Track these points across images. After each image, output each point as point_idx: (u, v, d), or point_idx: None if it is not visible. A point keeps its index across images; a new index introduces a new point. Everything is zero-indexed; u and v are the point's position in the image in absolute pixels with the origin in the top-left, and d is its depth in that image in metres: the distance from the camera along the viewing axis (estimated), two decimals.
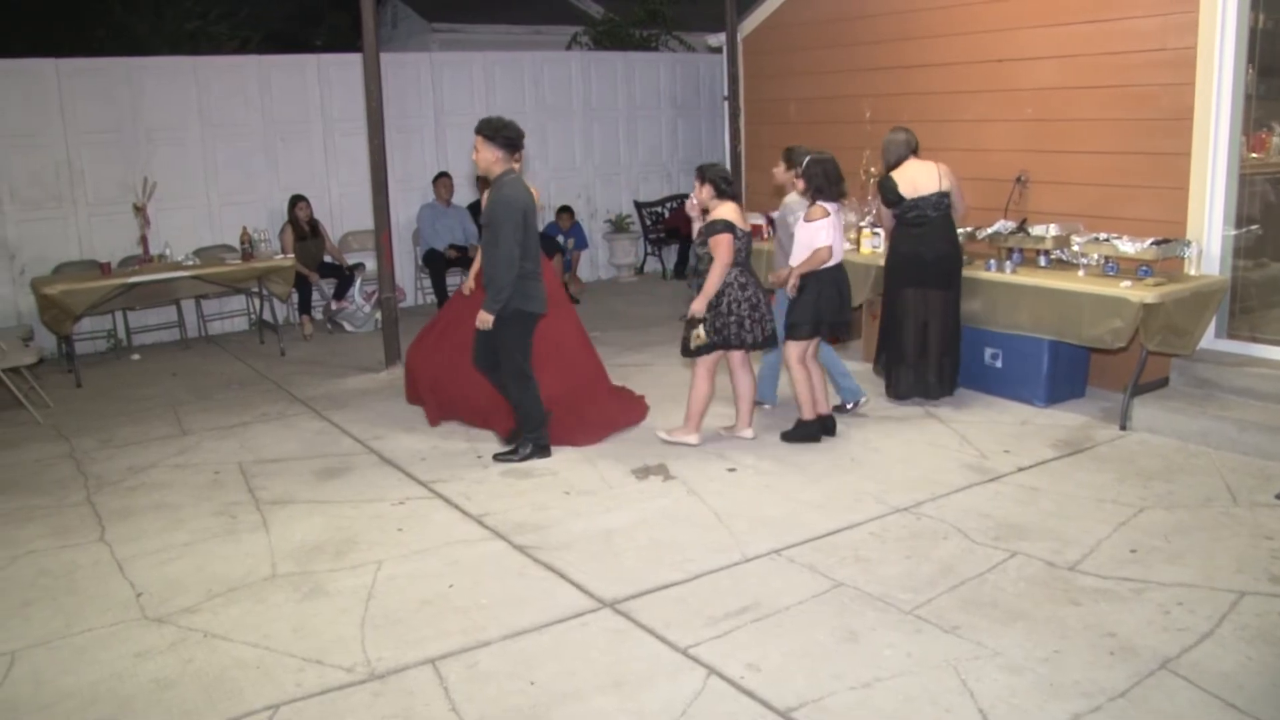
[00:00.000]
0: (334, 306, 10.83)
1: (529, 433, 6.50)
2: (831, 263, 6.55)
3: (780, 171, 7.19)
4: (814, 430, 6.66)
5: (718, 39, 11.11)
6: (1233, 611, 4.29)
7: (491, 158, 6.14)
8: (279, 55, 12.16)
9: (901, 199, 7.03)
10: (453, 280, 11.17)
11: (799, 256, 6.56)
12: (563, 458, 6.51)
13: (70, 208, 10.14)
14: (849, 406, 7.21)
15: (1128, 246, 6.74)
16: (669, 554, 5.06)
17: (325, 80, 11.31)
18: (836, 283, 6.65)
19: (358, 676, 4.08)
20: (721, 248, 6.23)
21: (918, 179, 7.03)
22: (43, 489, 6.41)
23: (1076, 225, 7.29)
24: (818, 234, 6.49)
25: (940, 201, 7.02)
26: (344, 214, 11.49)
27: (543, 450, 6.53)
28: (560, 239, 12.14)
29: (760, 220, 9.57)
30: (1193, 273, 6.89)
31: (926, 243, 7.04)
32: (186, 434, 7.38)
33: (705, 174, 6.44)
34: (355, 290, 10.76)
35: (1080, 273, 6.96)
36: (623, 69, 13.52)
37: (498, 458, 6.53)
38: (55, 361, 9.61)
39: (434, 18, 17.59)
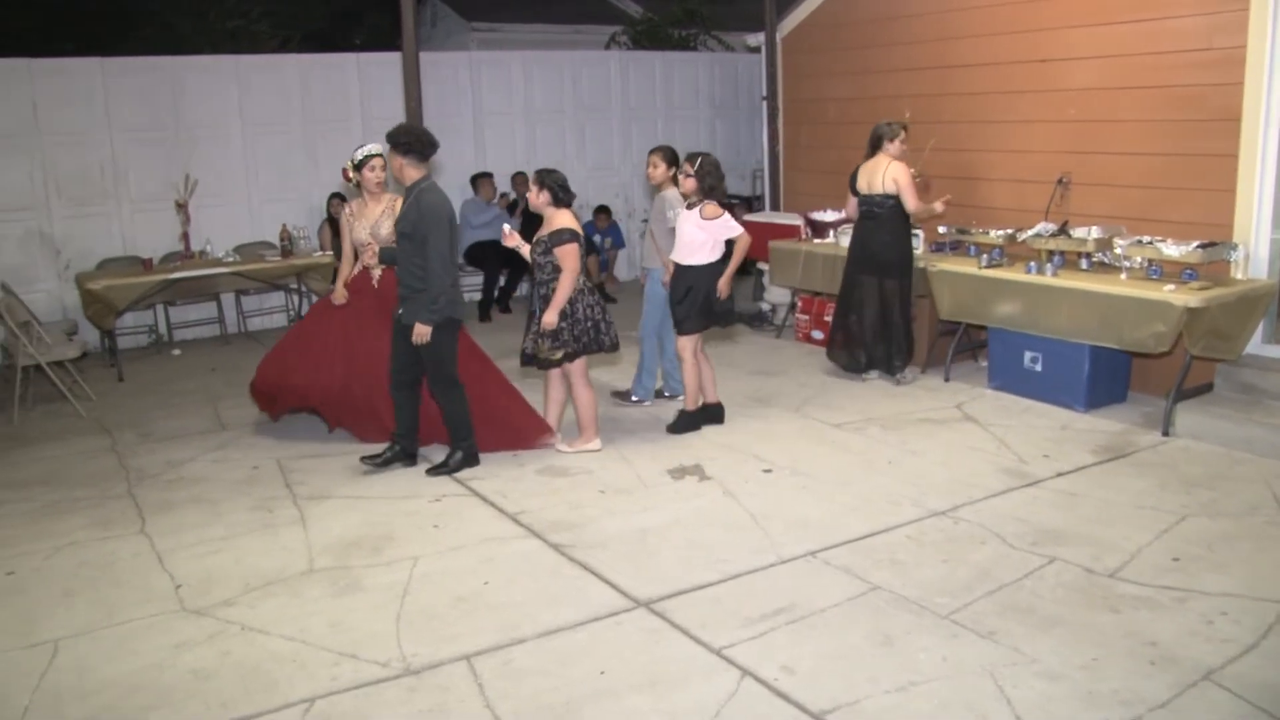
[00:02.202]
0: None
1: (460, 441, 6.34)
2: (716, 258, 6.74)
3: (660, 172, 7.27)
4: (699, 420, 6.95)
5: (756, 39, 11.09)
6: (1279, 623, 4.22)
7: (397, 165, 6.11)
8: (319, 54, 12.27)
9: (857, 192, 7.70)
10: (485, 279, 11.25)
11: (695, 254, 6.68)
12: (599, 456, 6.51)
13: (114, 204, 10.27)
14: (634, 400, 7.60)
15: (1172, 250, 6.64)
16: (704, 554, 5.05)
17: (365, 79, 11.38)
18: (717, 277, 6.79)
19: (393, 671, 4.10)
20: (569, 258, 6.20)
21: (871, 177, 7.56)
22: (85, 481, 6.49)
23: (1119, 228, 7.21)
24: (729, 227, 6.67)
25: (885, 201, 7.55)
26: None
27: (471, 459, 6.38)
28: (597, 239, 12.15)
29: (798, 221, 9.55)
30: (1239, 276, 6.79)
31: (868, 236, 7.69)
32: (225, 429, 7.45)
33: (544, 180, 6.34)
34: None
35: (1123, 276, 6.88)
36: (661, 69, 13.52)
37: (431, 472, 6.32)
38: (98, 356, 9.74)
39: (473, 17, 17.66)
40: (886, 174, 7.49)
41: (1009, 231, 7.71)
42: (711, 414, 7.05)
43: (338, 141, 11.21)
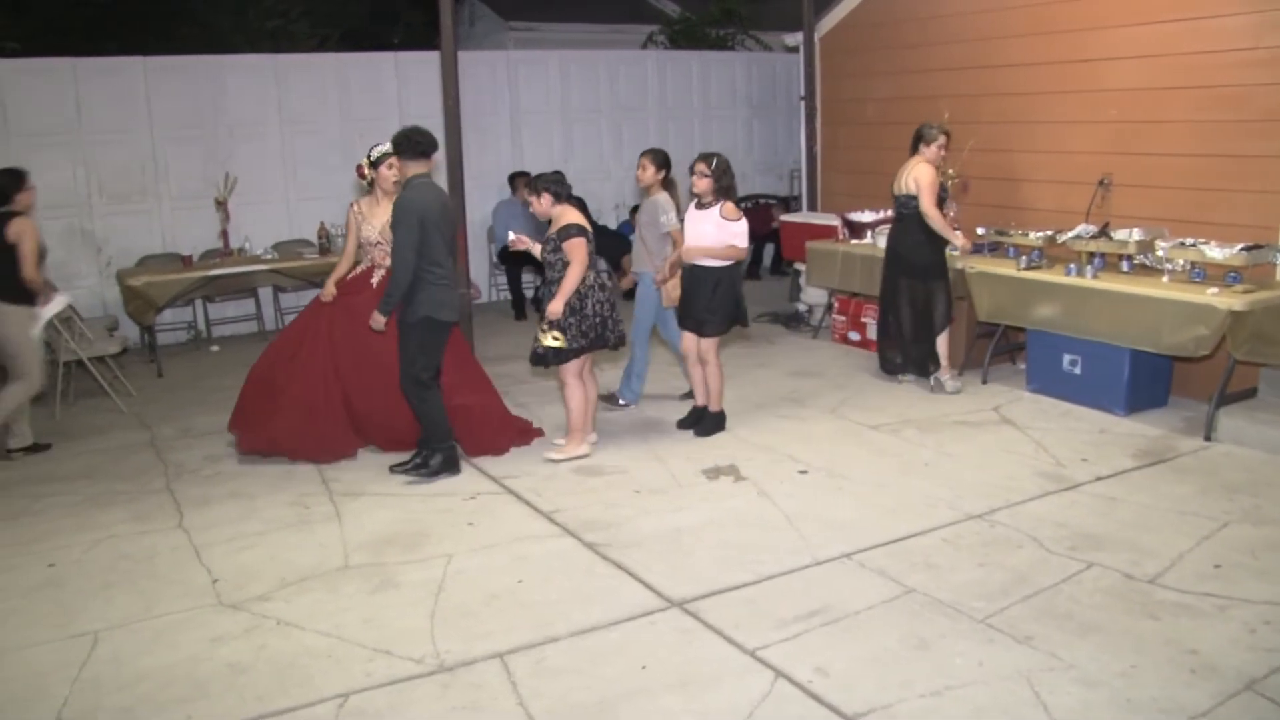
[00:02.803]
0: None
1: (436, 443, 6.20)
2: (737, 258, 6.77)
3: (649, 174, 7.21)
4: (722, 419, 7.00)
5: (795, 38, 11.04)
6: None
7: (398, 166, 6.23)
8: (357, 53, 12.34)
9: (893, 193, 7.65)
10: (527, 278, 11.26)
11: (708, 251, 6.64)
12: (633, 455, 6.51)
13: (154, 202, 10.38)
14: (621, 403, 7.56)
15: (1216, 252, 6.56)
16: (738, 555, 5.03)
17: (403, 78, 11.44)
18: (739, 277, 6.83)
19: (427, 668, 4.11)
20: (577, 251, 6.17)
21: (902, 176, 7.51)
22: (124, 475, 6.56)
23: (1162, 230, 7.12)
24: (742, 234, 6.63)
25: (908, 201, 7.49)
26: None
27: (452, 465, 6.25)
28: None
29: (835, 222, 9.50)
30: None
31: (898, 237, 7.68)
32: None
33: (537, 185, 6.32)
34: None
35: (1164, 279, 6.80)
36: (698, 68, 13.50)
37: (394, 469, 6.26)
38: (138, 351, 9.84)
39: (511, 16, 17.70)
40: (912, 174, 7.44)
41: (1049, 233, 7.64)
42: (700, 414, 7.02)
43: (376, 140, 11.20)
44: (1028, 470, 6.04)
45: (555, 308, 6.16)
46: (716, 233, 6.61)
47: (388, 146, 6.68)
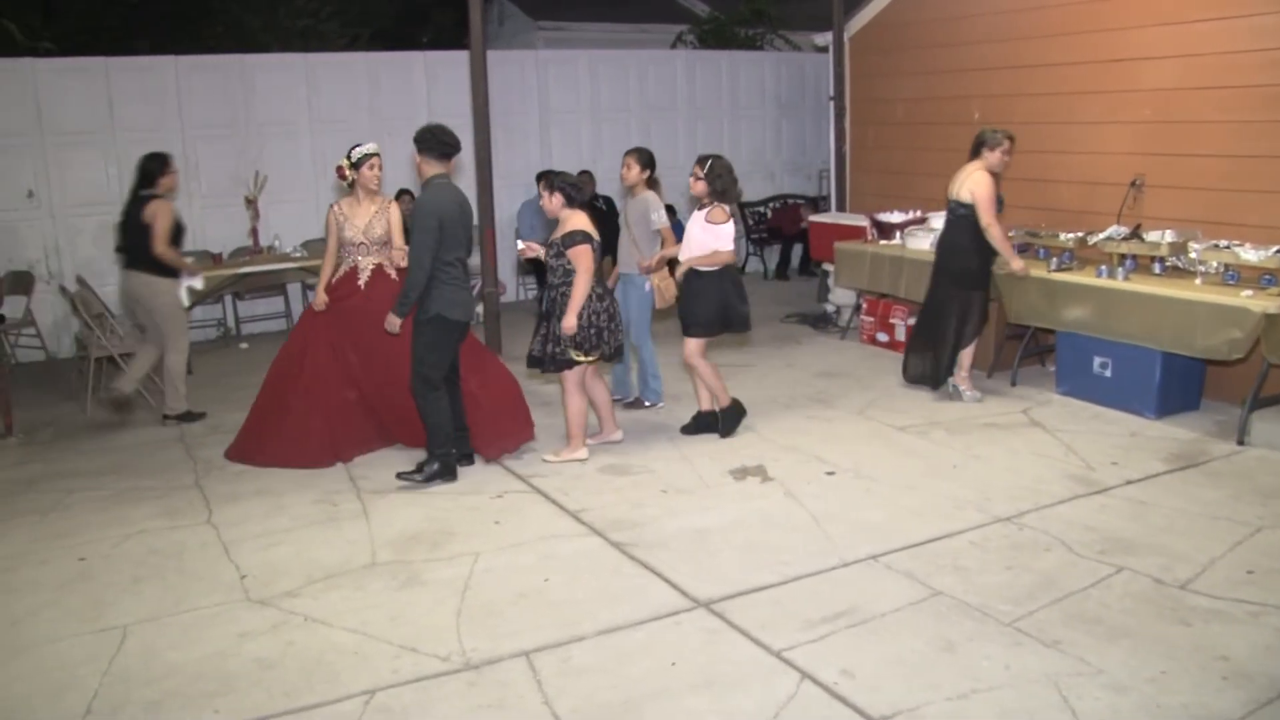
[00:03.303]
0: None
1: (436, 449, 6.12)
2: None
3: (633, 174, 7.16)
4: (739, 414, 6.92)
5: (824, 38, 11.02)
6: None
7: (418, 163, 6.11)
8: (387, 52, 12.41)
9: (947, 195, 7.39)
10: None
11: (692, 254, 6.60)
12: (660, 455, 6.51)
13: (185, 200, 10.45)
14: (647, 404, 7.51)
15: (1250, 254, 6.48)
16: (765, 555, 5.02)
17: (432, 77, 11.49)
18: (734, 280, 6.72)
19: (453, 666, 4.12)
20: (583, 259, 6.11)
21: (957, 180, 7.26)
22: (154, 471, 6.62)
23: (1195, 232, 7.05)
24: (726, 237, 6.55)
25: (957, 208, 7.22)
26: None
27: (448, 472, 6.16)
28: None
29: (864, 222, 9.47)
30: None
31: (945, 241, 7.45)
32: None
33: (554, 183, 6.28)
34: None
35: (1197, 281, 6.73)
36: (727, 68, 13.49)
37: (400, 476, 6.15)
38: None
39: (539, 15, 17.74)
40: (968, 182, 7.14)
41: (1080, 234, 7.58)
42: (706, 422, 6.92)
43: (405, 139, 11.23)
44: (1057, 473, 6.00)
45: (569, 323, 6.10)
46: (702, 235, 6.59)
47: (370, 147, 6.72)
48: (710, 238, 6.56)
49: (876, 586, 4.66)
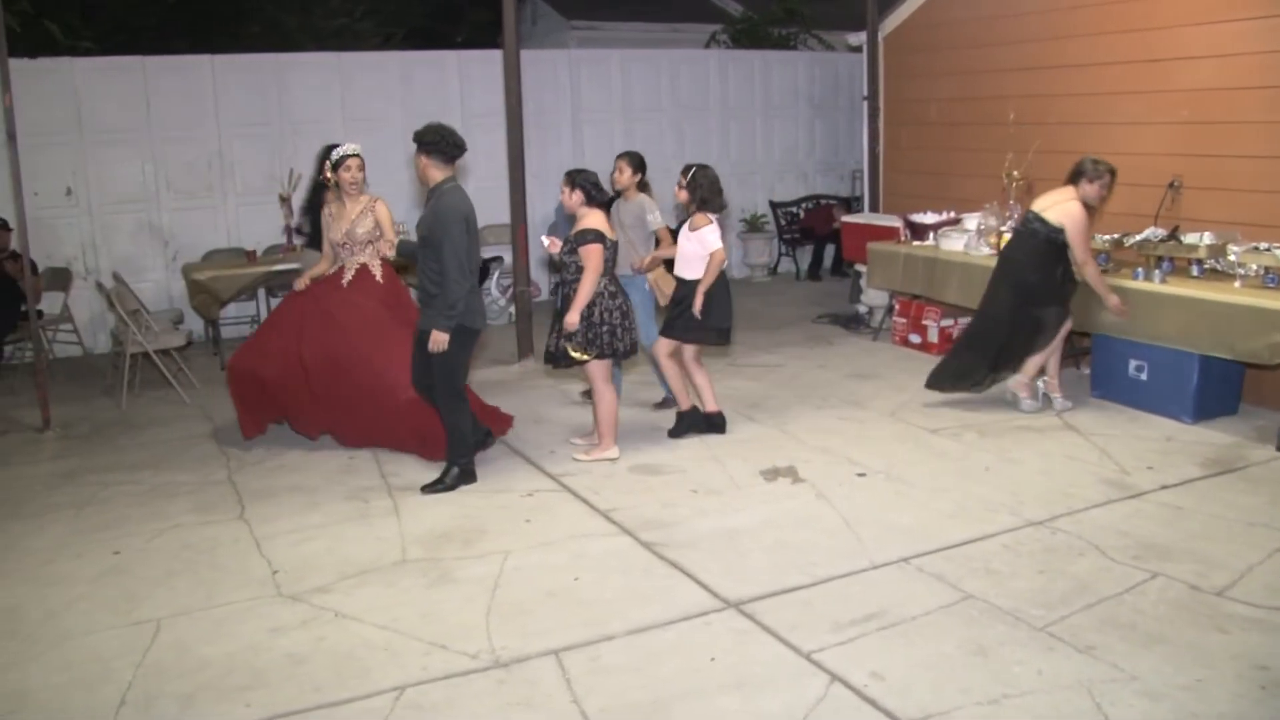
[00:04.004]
0: None
1: (458, 458, 6.10)
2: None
3: (625, 177, 7.13)
4: (693, 421, 6.90)
5: (858, 38, 10.96)
6: None
7: (421, 165, 5.93)
8: (420, 51, 12.46)
9: (1031, 207, 7.12)
10: None
11: (691, 266, 6.58)
12: (691, 455, 6.50)
13: (220, 197, 10.58)
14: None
15: None
16: (795, 557, 5.00)
17: (465, 77, 11.52)
18: (728, 289, 6.71)
19: (482, 663, 4.13)
20: (593, 257, 6.09)
21: (1052, 200, 6.94)
22: (188, 466, 6.68)
23: (1234, 234, 6.96)
24: (712, 239, 6.51)
25: (1033, 220, 6.93)
26: (481, 208, 11.41)
27: (468, 475, 6.12)
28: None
29: (897, 223, 9.42)
30: None
31: (1016, 248, 7.13)
32: None
33: (575, 180, 6.25)
34: (491, 284, 10.93)
35: (1237, 284, 6.64)
36: (760, 68, 13.44)
37: (426, 489, 6.05)
38: (202, 344, 10.02)
39: (572, 15, 17.75)
40: (1063, 208, 6.78)
41: (1116, 236, 7.50)
42: (713, 423, 6.90)
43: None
44: (1091, 477, 5.94)
45: (572, 319, 6.10)
46: (689, 246, 6.59)
47: (348, 148, 6.73)
48: (697, 245, 6.56)
49: (907, 589, 4.64)
